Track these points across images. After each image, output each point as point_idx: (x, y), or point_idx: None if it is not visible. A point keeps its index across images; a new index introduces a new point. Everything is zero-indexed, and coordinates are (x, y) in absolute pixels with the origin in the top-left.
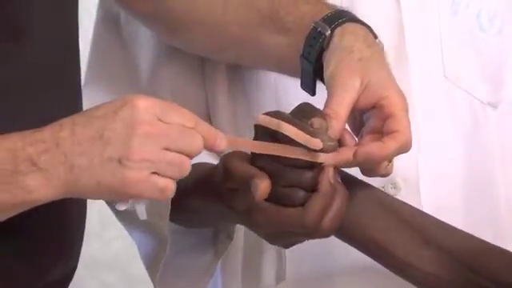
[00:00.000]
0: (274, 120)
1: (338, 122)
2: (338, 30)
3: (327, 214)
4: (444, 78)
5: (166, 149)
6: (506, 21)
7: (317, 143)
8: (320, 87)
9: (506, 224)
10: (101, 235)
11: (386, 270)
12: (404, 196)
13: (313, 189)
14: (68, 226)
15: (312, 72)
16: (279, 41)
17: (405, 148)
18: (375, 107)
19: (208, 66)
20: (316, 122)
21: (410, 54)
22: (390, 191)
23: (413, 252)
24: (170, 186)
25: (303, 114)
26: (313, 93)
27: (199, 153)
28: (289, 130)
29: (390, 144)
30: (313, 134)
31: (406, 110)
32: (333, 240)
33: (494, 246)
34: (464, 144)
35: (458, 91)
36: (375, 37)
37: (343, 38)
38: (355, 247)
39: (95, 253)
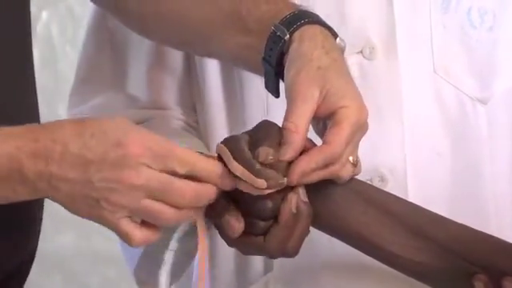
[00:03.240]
0: (227, 154)
1: (299, 136)
2: (296, 34)
3: (289, 242)
4: (434, 73)
5: (149, 198)
6: (497, 18)
7: (260, 184)
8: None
9: (492, 219)
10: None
11: (372, 262)
12: (391, 189)
13: (275, 217)
14: (22, 217)
15: (274, 74)
16: (242, 41)
17: (330, 161)
18: (332, 115)
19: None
20: (262, 153)
21: (401, 50)
22: (377, 184)
23: (399, 243)
24: (134, 234)
25: (261, 136)
26: (277, 94)
27: (192, 203)
28: (235, 168)
29: (314, 156)
30: (257, 174)
31: (357, 125)
32: (318, 233)
33: (482, 233)
34: (452, 139)
35: (447, 87)
36: (335, 37)
37: (302, 44)
38: (340, 240)
39: (96, 248)
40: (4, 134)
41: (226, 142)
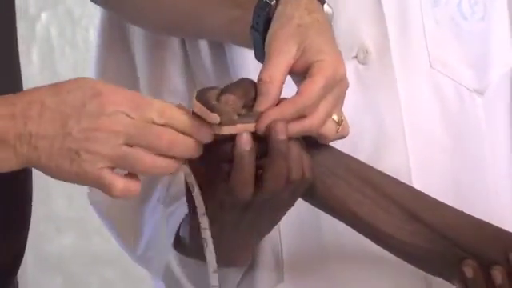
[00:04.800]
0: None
1: (274, 86)
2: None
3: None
4: (430, 68)
5: (127, 144)
6: (488, 7)
7: (214, 118)
8: None
9: (496, 212)
10: (101, 231)
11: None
12: None
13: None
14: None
15: (262, 42)
16: (233, 15)
17: (303, 112)
18: (308, 69)
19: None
20: (223, 98)
21: (394, 47)
22: None
23: (393, 224)
24: (116, 184)
25: (230, 87)
26: None
27: (171, 149)
28: (194, 105)
29: (284, 105)
30: (212, 109)
31: (332, 78)
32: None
33: (477, 219)
34: (454, 133)
35: (445, 80)
36: (322, 3)
37: (286, 6)
38: (335, 217)
39: (95, 249)
40: None
41: (198, 90)
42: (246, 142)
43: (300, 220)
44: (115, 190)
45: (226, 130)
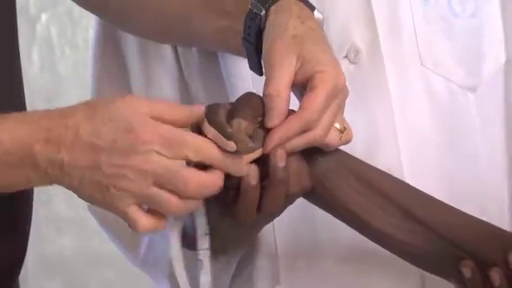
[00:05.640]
0: (202, 117)
1: (282, 100)
2: (272, 9)
3: (257, 206)
4: (421, 66)
5: (155, 184)
6: (478, 3)
7: (230, 146)
8: None
9: (491, 208)
10: (101, 232)
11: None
12: None
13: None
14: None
15: (255, 53)
16: (222, 24)
17: (307, 126)
18: (309, 81)
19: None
20: (235, 123)
21: (385, 47)
22: None
23: (390, 223)
24: (141, 221)
25: (239, 106)
26: (260, 73)
27: (198, 193)
28: (207, 130)
29: (289, 123)
30: (228, 137)
31: (334, 89)
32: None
33: (473, 218)
34: (446, 131)
35: (436, 78)
36: (312, 9)
37: (278, 16)
38: (332, 215)
39: (95, 249)
40: (16, 121)
41: (206, 108)
42: (253, 177)
43: (295, 221)
44: (139, 226)
45: (245, 160)
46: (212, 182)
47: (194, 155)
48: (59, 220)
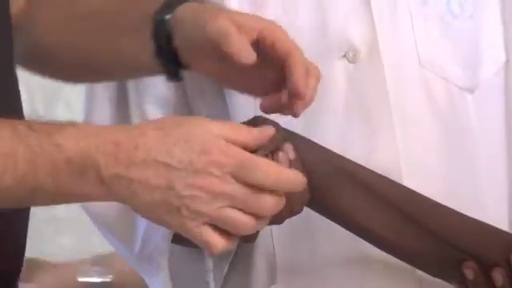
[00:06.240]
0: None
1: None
2: (178, 11)
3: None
4: (420, 67)
5: (230, 207)
6: (477, 5)
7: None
8: None
9: (489, 210)
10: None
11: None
12: None
13: None
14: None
15: (171, 62)
16: (133, 42)
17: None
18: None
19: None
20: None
21: (383, 46)
22: None
23: (390, 227)
24: (216, 242)
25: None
26: (177, 79)
27: (271, 213)
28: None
29: (295, 72)
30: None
31: (283, 32)
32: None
33: (474, 220)
34: (444, 131)
35: (435, 79)
36: None
37: (186, 10)
38: (332, 220)
39: (95, 249)
40: (81, 131)
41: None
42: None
43: (292, 221)
44: (213, 248)
45: None
46: (283, 203)
47: (265, 180)
48: (58, 221)
